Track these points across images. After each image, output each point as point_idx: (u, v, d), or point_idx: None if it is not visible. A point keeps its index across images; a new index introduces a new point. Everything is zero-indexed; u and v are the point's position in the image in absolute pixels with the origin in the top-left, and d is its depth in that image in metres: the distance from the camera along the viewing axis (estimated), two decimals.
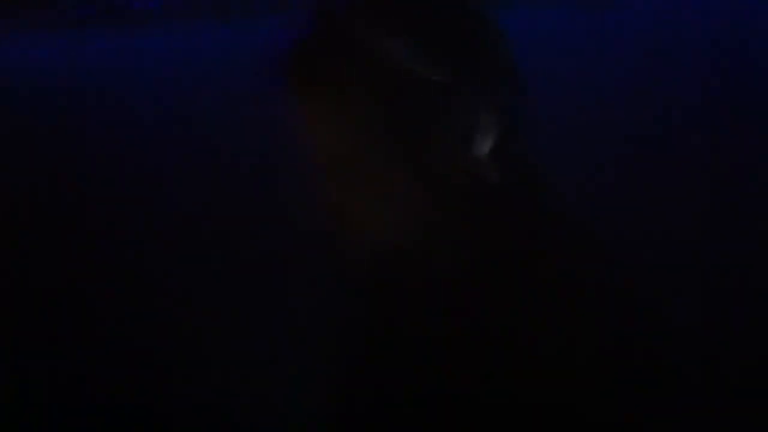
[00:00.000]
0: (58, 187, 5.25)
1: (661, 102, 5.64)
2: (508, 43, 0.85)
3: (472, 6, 0.85)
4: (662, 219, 3.90)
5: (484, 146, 0.82)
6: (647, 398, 0.79)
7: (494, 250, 0.86)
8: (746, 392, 2.35)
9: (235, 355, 3.24)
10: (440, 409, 0.86)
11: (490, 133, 0.82)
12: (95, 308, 3.69)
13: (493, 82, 0.83)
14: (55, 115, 6.89)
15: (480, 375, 0.84)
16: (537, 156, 0.87)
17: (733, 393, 2.22)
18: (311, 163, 0.87)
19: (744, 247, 3.55)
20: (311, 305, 3.17)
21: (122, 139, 6.09)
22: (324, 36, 0.83)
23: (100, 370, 3.19)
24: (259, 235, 4.19)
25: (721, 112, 5.41)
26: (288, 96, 0.86)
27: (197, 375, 3.18)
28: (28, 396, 3.10)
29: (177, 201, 4.83)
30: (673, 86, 5.97)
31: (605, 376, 0.80)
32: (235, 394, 3.01)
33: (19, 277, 3.98)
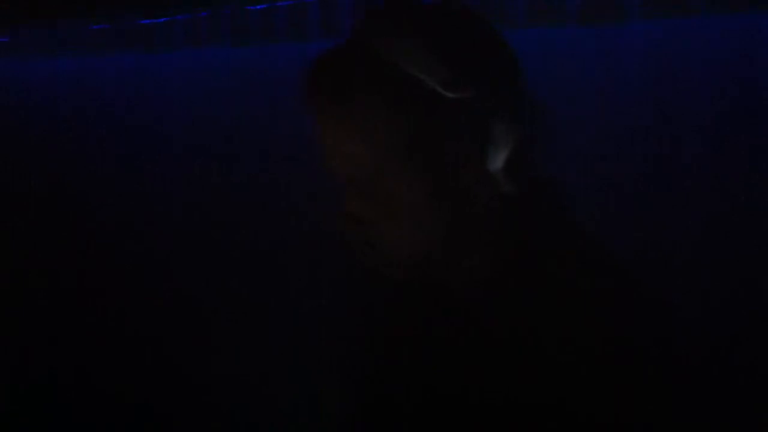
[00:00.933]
0: (64, 189, 5.26)
1: (674, 113, 5.63)
2: (521, 58, 0.86)
3: (485, 22, 0.86)
4: (677, 228, 3.88)
5: (501, 160, 0.83)
6: (657, 402, 0.80)
7: (513, 264, 0.86)
8: (749, 393, 2.34)
9: (238, 356, 3.24)
10: (455, 421, 0.87)
11: (506, 146, 0.83)
12: (97, 308, 3.69)
13: (509, 97, 0.84)
14: (64, 127, 6.91)
15: (500, 388, 0.84)
16: (553, 168, 0.88)
17: (737, 393, 2.21)
18: (330, 176, 0.87)
19: (752, 255, 3.55)
20: (321, 313, 3.18)
21: (130, 149, 6.10)
22: (344, 53, 0.84)
23: (101, 370, 3.18)
24: (273, 246, 4.18)
25: (731, 122, 5.40)
26: (308, 111, 0.86)
27: (199, 375, 3.18)
28: (28, 396, 3.09)
29: (186, 206, 4.83)
30: (684, 99, 5.95)
31: (627, 388, 0.80)
32: (238, 394, 3.01)
33: (20, 277, 3.98)
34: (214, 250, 4.19)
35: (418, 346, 0.92)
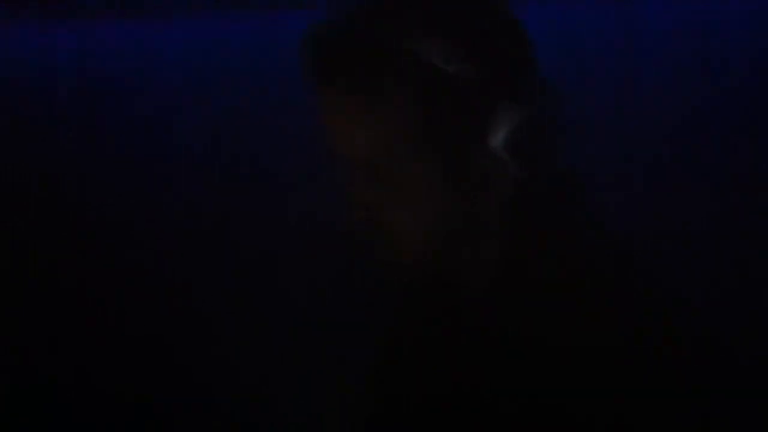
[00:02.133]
0: (60, 183, 5.24)
1: (685, 97, 5.55)
2: (532, 39, 0.84)
3: (495, 2, 0.84)
4: (692, 220, 3.84)
5: (513, 143, 0.81)
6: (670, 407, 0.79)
7: (522, 256, 0.85)
8: (754, 391, 2.32)
9: (240, 355, 3.23)
10: (460, 416, 0.85)
11: (518, 129, 0.81)
12: (97, 309, 3.68)
13: (520, 77, 0.82)
14: (60, 107, 6.83)
15: (508, 385, 0.83)
16: (566, 156, 0.86)
17: (741, 392, 2.18)
18: (336, 164, 0.85)
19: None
20: (325, 311, 3.19)
21: (130, 133, 6.05)
22: (350, 31, 0.81)
23: (101, 370, 3.18)
24: (275, 237, 4.18)
25: (744, 105, 5.31)
26: (312, 91, 0.84)
27: (200, 375, 3.17)
28: (28, 396, 3.09)
29: (186, 200, 4.82)
30: (695, 82, 5.86)
31: (639, 388, 0.78)
32: (240, 394, 3.00)
33: (21, 277, 3.97)
34: (214, 248, 4.19)
35: (423, 340, 0.91)
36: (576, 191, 0.88)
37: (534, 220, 0.85)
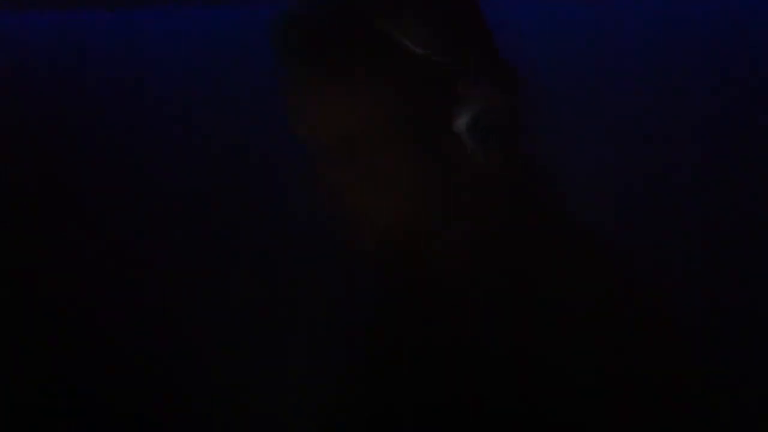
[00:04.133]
0: (50, 180, 5.23)
1: (668, 98, 5.58)
2: (513, 33, 0.85)
3: None
4: (667, 218, 3.87)
5: (482, 128, 0.81)
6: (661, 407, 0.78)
7: (494, 238, 0.84)
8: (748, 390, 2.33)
9: (237, 357, 3.24)
10: (442, 414, 0.85)
11: (487, 115, 0.80)
12: (95, 309, 3.69)
13: (496, 67, 0.82)
14: (46, 99, 6.81)
15: (484, 377, 0.82)
16: (543, 151, 0.86)
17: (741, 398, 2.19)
18: (313, 149, 0.84)
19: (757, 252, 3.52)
20: (314, 303, 3.19)
21: (127, 130, 6.05)
22: (324, 12, 0.81)
23: (99, 371, 3.19)
24: (260, 230, 4.20)
25: (729, 106, 5.34)
26: (281, 71, 0.83)
27: (198, 376, 3.18)
28: (27, 397, 3.10)
29: (174, 193, 4.83)
30: (680, 81, 5.90)
31: (619, 382, 0.78)
32: (237, 396, 3.01)
33: (19, 277, 3.98)
34: (213, 247, 4.20)
35: (414, 341, 0.90)
36: (550, 179, 0.88)
37: (503, 204, 0.85)
